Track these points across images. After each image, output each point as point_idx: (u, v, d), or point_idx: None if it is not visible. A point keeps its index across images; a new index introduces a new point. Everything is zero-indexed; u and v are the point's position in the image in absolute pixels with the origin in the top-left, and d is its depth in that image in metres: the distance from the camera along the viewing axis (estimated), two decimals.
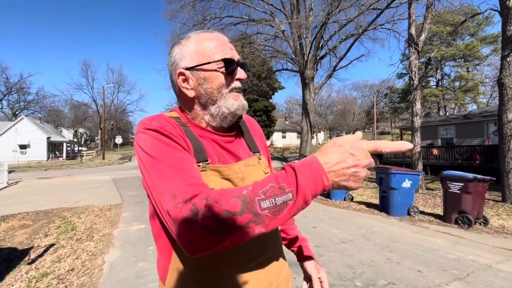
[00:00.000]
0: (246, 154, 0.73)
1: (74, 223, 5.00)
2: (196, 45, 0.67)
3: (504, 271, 2.95)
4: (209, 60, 0.66)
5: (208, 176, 0.62)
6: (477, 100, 31.62)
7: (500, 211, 5.83)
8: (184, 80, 0.68)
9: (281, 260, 0.74)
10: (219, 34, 0.70)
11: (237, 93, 0.69)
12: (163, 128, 0.60)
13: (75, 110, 52.80)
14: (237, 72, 0.68)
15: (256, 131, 0.83)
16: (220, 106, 0.68)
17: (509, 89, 6.62)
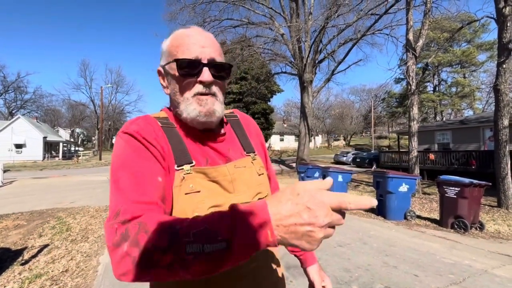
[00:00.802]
0: (238, 154, 0.70)
1: (69, 224, 4.95)
2: (169, 42, 0.66)
3: (500, 276, 2.96)
4: (169, 60, 0.64)
5: (194, 179, 0.60)
6: (473, 106, 31.95)
7: (495, 216, 5.86)
8: (162, 78, 0.69)
9: (273, 267, 0.70)
10: (196, 31, 0.64)
11: (204, 97, 0.62)
12: (138, 133, 0.58)
13: (73, 110, 52.53)
14: (200, 75, 0.62)
15: (252, 130, 0.79)
16: (182, 110, 0.63)
17: (504, 95, 6.70)
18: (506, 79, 6.73)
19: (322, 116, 46.76)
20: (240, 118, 0.79)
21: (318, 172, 7.61)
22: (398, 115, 36.67)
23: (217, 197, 0.61)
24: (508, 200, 6.38)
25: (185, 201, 0.58)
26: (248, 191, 0.66)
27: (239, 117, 0.79)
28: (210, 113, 0.63)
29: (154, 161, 0.57)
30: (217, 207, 0.60)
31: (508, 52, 6.64)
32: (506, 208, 6.32)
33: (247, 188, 0.66)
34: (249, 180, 0.67)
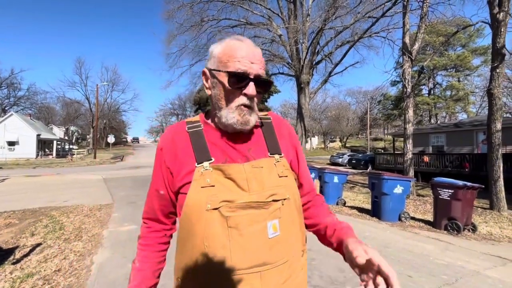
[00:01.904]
0: (260, 154, 0.72)
1: (62, 223, 4.89)
2: (221, 50, 0.70)
3: (492, 277, 3.00)
4: (220, 69, 0.68)
5: (211, 175, 0.66)
6: (467, 109, 32.38)
7: (488, 218, 5.95)
8: (206, 79, 0.74)
9: (289, 271, 0.68)
10: (248, 45, 0.69)
11: (244, 109, 0.69)
12: (160, 147, 0.76)
13: (67, 107, 51.87)
14: (246, 88, 0.67)
15: (285, 132, 0.81)
16: (222, 115, 0.70)
17: (498, 99, 6.81)
18: (500, 84, 6.84)
19: (318, 118, 46.96)
20: (273, 120, 0.82)
21: (314, 173, 7.64)
22: (394, 117, 36.99)
23: (230, 193, 0.65)
24: (500, 203, 6.48)
25: (200, 193, 0.65)
26: (262, 191, 0.67)
27: (272, 119, 0.81)
28: (245, 123, 0.70)
29: (160, 176, 0.75)
30: (229, 202, 0.64)
31: (501, 57, 6.75)
32: (498, 211, 6.42)
33: (261, 188, 0.67)
34: (265, 181, 0.68)
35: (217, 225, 0.63)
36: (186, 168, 0.69)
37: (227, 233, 0.63)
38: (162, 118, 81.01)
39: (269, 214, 0.66)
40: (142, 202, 5.86)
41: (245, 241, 0.63)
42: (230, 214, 0.63)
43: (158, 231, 0.79)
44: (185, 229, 0.67)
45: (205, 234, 0.63)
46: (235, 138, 0.72)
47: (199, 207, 0.64)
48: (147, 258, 0.76)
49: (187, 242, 0.66)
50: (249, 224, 0.64)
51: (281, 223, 0.68)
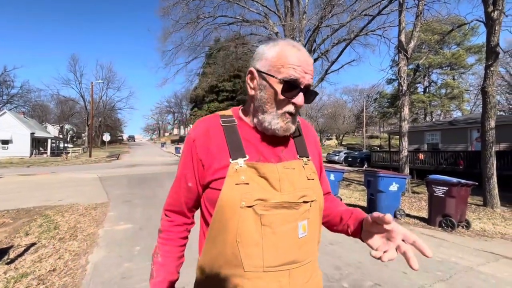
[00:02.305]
0: (290, 156, 0.74)
1: (57, 222, 4.84)
2: (275, 54, 0.68)
3: (485, 273, 3.05)
4: (273, 74, 0.68)
5: (246, 172, 0.67)
6: (461, 107, 32.70)
7: (481, 215, 6.03)
8: (251, 78, 0.73)
9: (311, 270, 0.72)
10: (304, 54, 0.69)
11: (288, 116, 0.70)
12: (192, 138, 0.73)
13: (62, 105, 51.20)
14: (296, 97, 0.68)
15: (311, 139, 0.83)
16: (265, 119, 0.70)
17: (492, 97, 6.88)
18: (494, 82, 6.92)
19: (315, 115, 47.03)
20: (302, 125, 0.83)
21: None
22: (390, 115, 37.23)
23: (264, 192, 0.66)
24: (494, 199, 6.57)
25: (235, 190, 0.65)
26: (294, 192, 0.68)
27: (300, 123, 0.82)
28: (287, 130, 0.71)
29: (191, 167, 0.73)
30: (263, 200, 0.65)
31: (495, 55, 6.81)
32: (491, 207, 6.51)
33: (293, 189, 0.69)
34: (296, 182, 0.70)
35: (251, 223, 0.64)
36: (220, 163, 0.69)
37: (260, 231, 0.64)
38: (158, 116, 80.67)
39: (300, 215, 0.68)
40: (138, 201, 5.87)
41: (278, 239, 0.65)
42: (264, 212, 0.65)
43: (180, 225, 0.79)
44: (218, 223, 0.67)
45: (238, 231, 0.64)
46: (269, 138, 0.73)
47: (233, 204, 0.64)
48: (169, 252, 0.77)
49: (219, 237, 0.67)
50: (282, 223, 0.66)
51: (309, 224, 0.70)
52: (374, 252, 0.63)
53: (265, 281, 0.64)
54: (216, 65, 16.55)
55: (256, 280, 0.64)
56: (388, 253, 0.62)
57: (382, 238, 0.65)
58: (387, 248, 0.63)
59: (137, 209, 5.90)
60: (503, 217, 5.84)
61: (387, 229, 0.62)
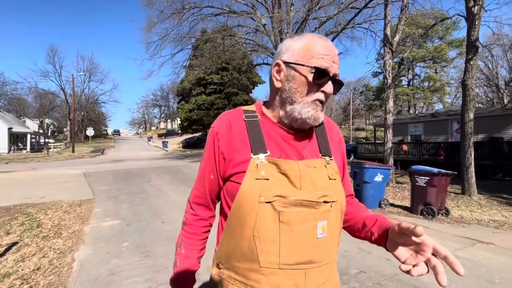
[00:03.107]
0: (312, 154, 0.73)
1: (40, 220, 4.69)
2: (303, 45, 0.69)
3: (462, 257, 3.23)
4: (304, 63, 0.68)
5: (266, 168, 0.67)
6: (443, 100, 33.82)
7: (459, 202, 6.34)
8: (278, 71, 0.72)
9: (329, 272, 0.71)
10: (330, 44, 0.70)
11: (318, 104, 0.70)
12: (215, 131, 0.74)
13: (41, 99, 48.97)
14: (325, 85, 0.69)
15: (335, 136, 0.82)
16: (295, 109, 0.69)
17: (471, 90, 7.15)
18: (473, 75, 7.17)
19: None
20: (326, 123, 0.82)
21: None
22: (375, 107, 38.01)
23: (283, 189, 0.66)
24: (471, 188, 6.91)
25: (255, 185, 0.65)
26: (314, 191, 0.68)
27: (324, 121, 0.81)
28: (317, 119, 0.71)
29: (213, 160, 0.74)
30: (282, 197, 0.65)
31: (475, 49, 7.05)
32: (469, 195, 6.85)
33: (313, 187, 0.68)
34: (317, 181, 0.69)
35: (269, 218, 0.64)
36: (241, 157, 0.69)
37: (278, 228, 0.64)
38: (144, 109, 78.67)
39: (320, 215, 0.67)
40: (125, 197, 5.77)
41: (295, 237, 0.65)
42: (283, 209, 0.64)
43: (205, 219, 0.80)
44: (236, 217, 0.67)
45: (256, 225, 0.64)
46: (291, 134, 0.73)
47: (253, 198, 0.65)
48: (192, 245, 0.79)
49: (236, 230, 0.67)
50: (301, 222, 0.65)
51: (329, 224, 0.69)
52: (404, 266, 0.60)
53: (280, 278, 0.64)
54: (203, 57, 16.22)
55: (271, 276, 0.64)
56: (418, 267, 0.59)
57: (410, 250, 0.62)
58: (417, 261, 0.60)
59: (124, 205, 5.80)
60: (479, 204, 6.17)
61: (417, 242, 0.59)
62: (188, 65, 18.33)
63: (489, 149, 11.18)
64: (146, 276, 2.70)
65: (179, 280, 0.77)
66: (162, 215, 5.01)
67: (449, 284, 2.72)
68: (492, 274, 2.79)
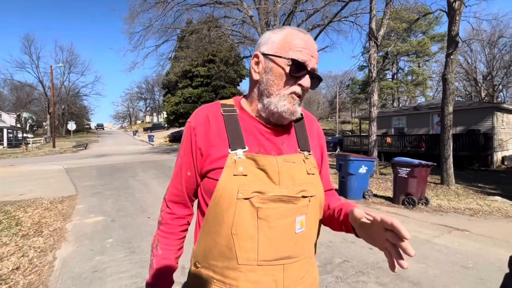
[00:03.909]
0: (291, 149, 0.73)
1: (19, 218, 4.51)
2: (282, 37, 0.69)
3: (439, 244, 3.39)
4: (282, 55, 0.68)
5: (244, 163, 0.66)
6: (425, 93, 34.86)
7: (438, 192, 6.63)
8: (256, 63, 0.72)
9: (307, 266, 0.72)
10: (310, 38, 0.70)
11: (295, 97, 0.69)
12: (192, 126, 0.72)
13: (17, 91, 46.48)
14: (302, 79, 0.68)
15: (314, 131, 0.82)
16: (271, 102, 0.69)
17: (451, 84, 7.40)
18: (453, 70, 7.41)
19: None
20: (305, 118, 0.81)
21: None
22: (361, 101, 38.70)
23: (262, 185, 0.65)
24: (449, 178, 7.23)
25: (232, 181, 0.64)
26: (293, 186, 0.68)
27: (304, 116, 0.80)
28: (293, 113, 0.70)
29: (190, 156, 0.72)
30: (261, 193, 0.64)
31: (455, 44, 7.27)
32: (447, 185, 7.17)
33: (292, 183, 0.68)
34: (296, 176, 0.69)
35: (247, 215, 0.63)
36: (218, 153, 0.68)
37: (256, 224, 0.64)
38: (128, 102, 76.46)
39: (298, 210, 0.67)
40: (109, 192, 5.64)
41: (274, 233, 0.64)
42: (261, 205, 0.64)
43: (182, 217, 0.78)
44: (213, 214, 0.66)
45: (234, 222, 0.63)
46: (270, 129, 0.72)
47: (230, 195, 0.64)
48: (169, 245, 0.76)
49: (214, 227, 0.66)
50: (279, 217, 0.65)
51: (307, 219, 0.69)
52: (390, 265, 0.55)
53: (259, 275, 0.64)
54: (189, 49, 15.86)
55: (250, 273, 0.64)
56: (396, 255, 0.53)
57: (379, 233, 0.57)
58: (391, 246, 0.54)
59: (109, 201, 5.68)
60: (456, 194, 6.47)
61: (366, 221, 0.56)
62: (173, 57, 17.89)
63: (467, 140, 11.70)
64: (132, 272, 2.67)
65: (157, 282, 0.73)
66: (148, 210, 4.94)
67: (426, 270, 2.87)
68: (466, 260, 2.95)
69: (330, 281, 2.48)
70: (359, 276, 2.57)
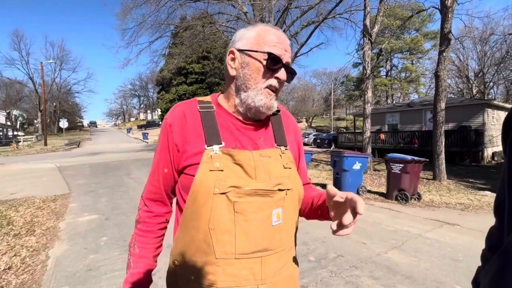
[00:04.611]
0: (268, 144, 0.74)
1: (10, 217, 4.44)
2: (256, 33, 0.71)
3: (431, 238, 3.46)
4: (257, 49, 0.69)
5: (220, 159, 0.67)
6: (418, 90, 35.25)
7: (431, 187, 6.74)
8: (232, 59, 0.73)
9: (286, 258, 0.73)
10: (282, 33, 0.73)
11: (271, 92, 0.71)
12: (168, 123, 0.72)
13: (7, 88, 45.39)
14: (279, 72, 0.70)
15: (291, 127, 0.83)
16: (249, 96, 0.70)
17: (443, 81, 7.49)
18: (445, 67, 7.51)
19: (285, 98, 47.54)
20: (282, 114, 0.83)
21: None
22: (355, 98, 38.94)
23: (238, 179, 0.66)
24: (441, 173, 7.36)
25: (209, 177, 0.65)
26: (269, 180, 0.69)
27: (281, 112, 0.82)
28: (270, 107, 0.71)
29: (167, 152, 0.72)
30: (237, 188, 0.65)
31: (448, 42, 7.35)
32: (439, 180, 7.30)
33: (268, 177, 0.69)
34: (272, 170, 0.70)
35: (224, 209, 0.64)
36: (195, 149, 0.69)
37: (233, 218, 0.64)
38: (122, 100, 75.48)
39: (274, 203, 0.68)
40: (103, 190, 5.57)
41: (250, 227, 0.65)
42: (237, 199, 0.65)
43: (160, 216, 0.77)
44: (191, 210, 0.66)
45: (210, 217, 0.64)
46: (246, 125, 0.73)
47: (207, 190, 0.64)
48: (147, 244, 0.76)
49: (191, 223, 0.67)
50: (255, 211, 0.66)
51: (284, 212, 0.70)
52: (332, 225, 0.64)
53: (236, 268, 0.65)
54: (183, 45, 15.69)
55: (228, 267, 0.64)
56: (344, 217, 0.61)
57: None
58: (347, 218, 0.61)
59: (102, 199, 5.62)
60: (448, 189, 6.59)
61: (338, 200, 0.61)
62: (167, 53, 17.69)
63: (458, 137, 11.90)
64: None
65: (135, 281, 0.72)
66: None
67: (417, 263, 2.92)
68: (456, 253, 3.02)
69: (324, 276, 2.51)
70: (352, 271, 2.61)
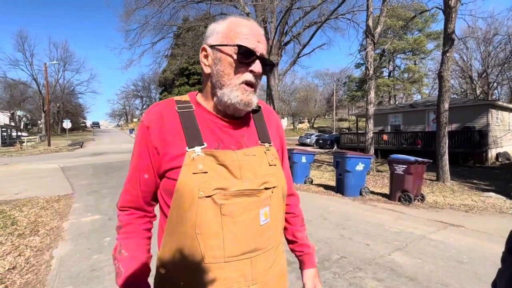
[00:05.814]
0: (252, 142, 0.72)
1: (14, 217, 4.47)
2: (226, 26, 0.68)
3: (435, 240, 3.43)
4: (228, 43, 0.66)
5: (203, 160, 0.64)
6: (421, 91, 35.08)
7: (434, 189, 6.70)
8: (205, 56, 0.70)
9: (274, 255, 0.72)
10: (254, 24, 0.69)
11: (248, 88, 0.67)
12: (145, 125, 0.68)
13: (11, 89, 45.74)
14: (253, 65, 0.66)
15: (273, 123, 0.81)
16: (224, 93, 0.67)
17: (447, 82, 7.44)
18: (449, 67, 7.46)
19: (287, 99, 47.51)
20: (263, 110, 0.80)
21: None
22: (358, 98, 38.81)
23: (223, 181, 0.64)
24: (445, 175, 7.31)
25: (192, 180, 0.62)
26: (255, 179, 0.67)
27: (262, 108, 0.80)
28: (248, 103, 0.68)
29: (147, 157, 0.68)
30: (223, 189, 0.63)
31: (451, 42, 7.31)
32: (443, 182, 7.24)
33: (254, 176, 0.67)
34: (257, 169, 0.68)
35: (210, 213, 0.62)
36: (175, 151, 0.65)
37: (220, 221, 0.62)
38: (124, 100, 75.81)
39: (261, 202, 0.67)
40: (106, 191, 5.60)
41: (238, 229, 0.64)
42: (224, 202, 0.63)
43: (142, 217, 0.73)
44: (176, 215, 0.64)
45: (197, 222, 0.62)
46: (228, 123, 0.70)
47: (191, 194, 0.61)
48: (135, 245, 0.69)
49: (177, 229, 0.64)
50: (243, 212, 0.64)
51: (271, 210, 0.69)
52: None
53: (226, 271, 0.63)
54: (185, 46, 15.74)
55: (217, 271, 0.63)
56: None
57: None
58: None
59: (106, 199, 5.65)
60: (452, 190, 6.55)
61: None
62: (170, 54, 17.77)
63: (462, 137, 11.81)
64: None
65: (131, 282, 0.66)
66: None
67: (422, 265, 2.90)
68: (461, 255, 2.99)
69: (328, 277, 2.50)
70: (356, 272, 2.60)
